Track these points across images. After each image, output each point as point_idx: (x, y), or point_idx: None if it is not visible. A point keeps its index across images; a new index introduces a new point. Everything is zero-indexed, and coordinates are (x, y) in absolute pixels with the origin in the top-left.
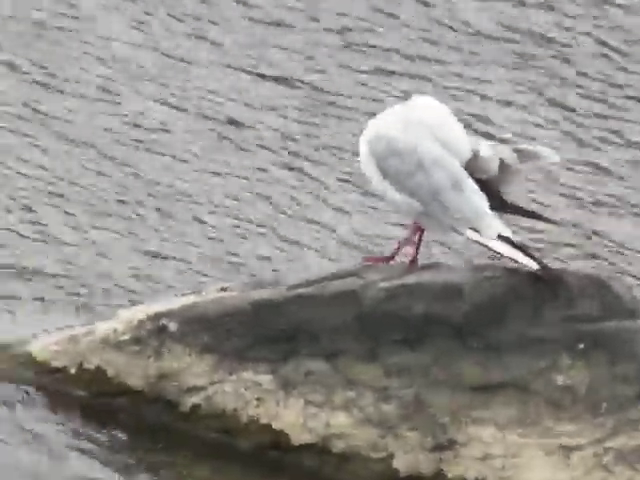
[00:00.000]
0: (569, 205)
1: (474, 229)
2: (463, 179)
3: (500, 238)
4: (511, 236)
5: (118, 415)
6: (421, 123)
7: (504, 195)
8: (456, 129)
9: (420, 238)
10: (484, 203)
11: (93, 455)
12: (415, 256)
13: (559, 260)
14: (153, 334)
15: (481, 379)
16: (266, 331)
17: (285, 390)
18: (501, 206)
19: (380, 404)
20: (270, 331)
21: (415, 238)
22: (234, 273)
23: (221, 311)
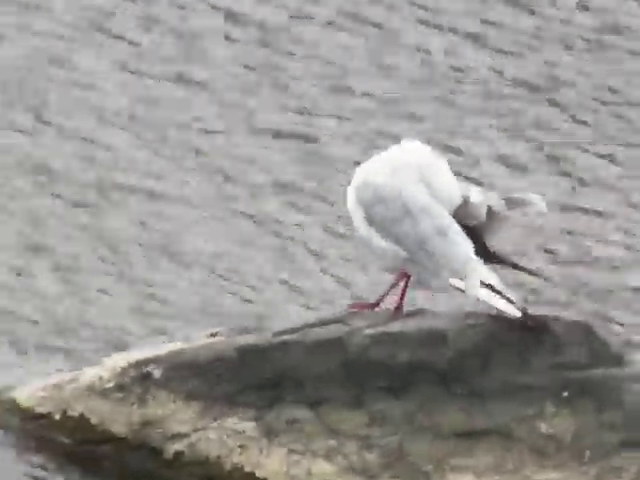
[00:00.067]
0: (554, 252)
1: (458, 275)
2: (449, 225)
3: (484, 285)
4: (495, 283)
5: (102, 462)
6: (409, 168)
7: (490, 243)
8: (445, 174)
9: (406, 285)
10: (469, 249)
11: None
12: (401, 303)
13: (544, 307)
14: (137, 381)
15: (465, 425)
16: (252, 377)
17: (268, 438)
18: (487, 254)
19: (363, 452)
20: (256, 377)
21: (401, 285)
22: (220, 320)
23: (208, 357)
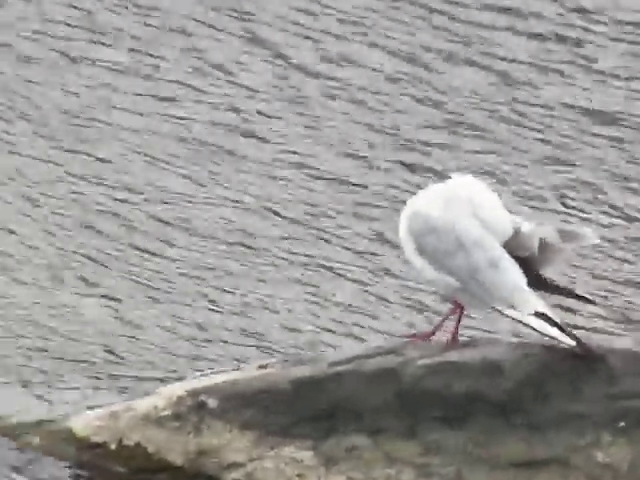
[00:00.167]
0: (605, 282)
1: (510, 304)
2: (500, 256)
3: (537, 315)
4: (548, 312)
5: None
6: (461, 201)
7: (543, 273)
8: (497, 207)
9: (460, 315)
10: (521, 279)
11: None
12: (455, 333)
13: (599, 334)
14: (193, 410)
15: (525, 456)
16: (307, 409)
17: (326, 466)
18: (540, 284)
19: None
20: (310, 409)
21: (455, 315)
22: (270, 348)
23: (263, 388)
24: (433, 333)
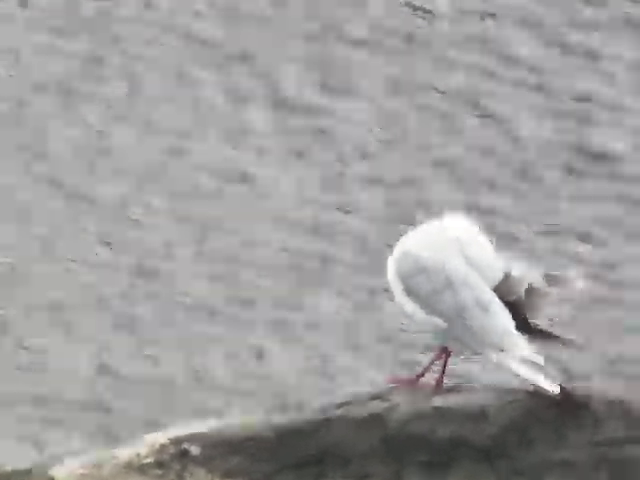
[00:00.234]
0: (591, 325)
1: (497, 348)
2: (490, 300)
3: (523, 360)
4: (534, 357)
5: None
6: (451, 241)
7: (529, 318)
8: (487, 249)
9: (446, 360)
10: (509, 323)
11: None
12: (441, 378)
13: (582, 379)
14: (175, 458)
15: None
16: (290, 456)
17: None
18: (527, 328)
19: None
20: (294, 456)
21: (441, 360)
22: (255, 396)
23: (246, 436)
24: (418, 378)
